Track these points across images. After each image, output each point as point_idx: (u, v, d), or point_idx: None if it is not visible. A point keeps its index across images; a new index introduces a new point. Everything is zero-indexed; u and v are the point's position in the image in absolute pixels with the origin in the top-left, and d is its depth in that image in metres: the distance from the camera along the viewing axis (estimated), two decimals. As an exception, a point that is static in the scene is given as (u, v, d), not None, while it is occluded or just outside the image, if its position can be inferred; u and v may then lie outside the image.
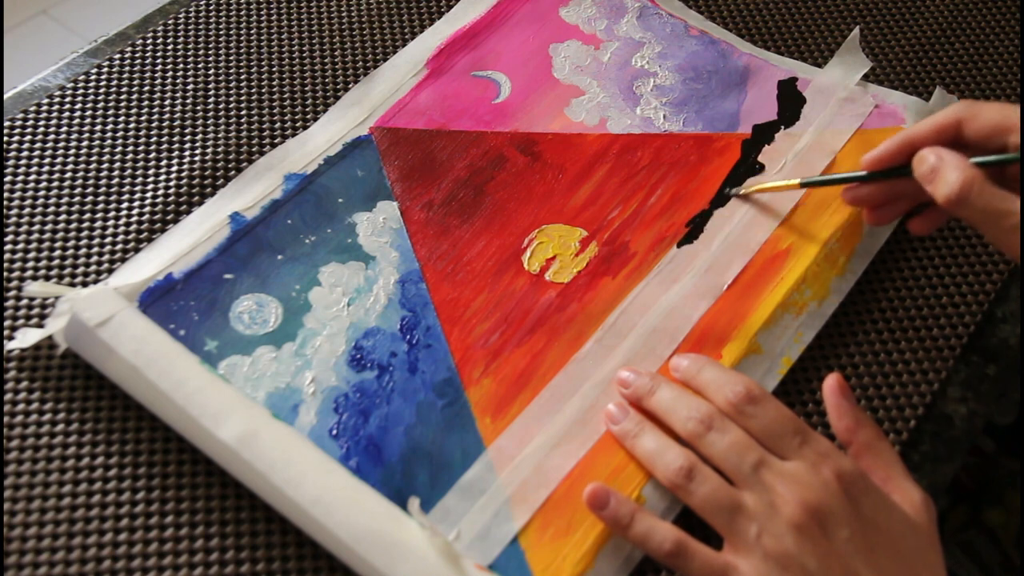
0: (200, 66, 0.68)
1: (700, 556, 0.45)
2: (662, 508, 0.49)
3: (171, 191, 0.61)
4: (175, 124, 0.64)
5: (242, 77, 0.67)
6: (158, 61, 0.68)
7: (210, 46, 0.69)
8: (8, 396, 0.52)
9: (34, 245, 0.58)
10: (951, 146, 0.49)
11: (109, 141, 0.63)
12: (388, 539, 0.45)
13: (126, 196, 0.61)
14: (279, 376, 0.52)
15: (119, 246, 0.58)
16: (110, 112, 0.65)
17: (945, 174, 0.46)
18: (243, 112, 0.65)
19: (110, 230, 0.59)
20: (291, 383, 0.52)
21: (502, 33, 0.70)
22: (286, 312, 0.55)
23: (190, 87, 0.66)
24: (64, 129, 0.64)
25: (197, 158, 0.62)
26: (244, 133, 0.64)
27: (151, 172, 0.62)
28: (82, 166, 0.62)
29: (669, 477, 0.47)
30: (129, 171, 0.62)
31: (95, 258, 0.58)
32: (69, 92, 0.66)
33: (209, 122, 0.64)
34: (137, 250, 0.58)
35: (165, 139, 0.64)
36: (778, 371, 0.54)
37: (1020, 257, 0.46)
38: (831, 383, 0.49)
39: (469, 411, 0.52)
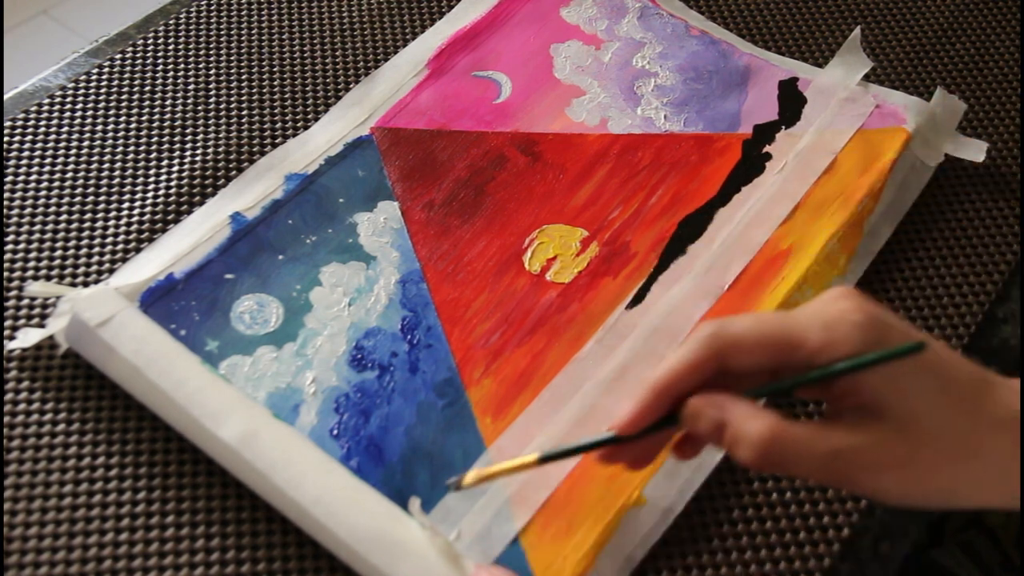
0: (201, 66, 0.68)
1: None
2: (663, 508, 0.49)
3: (172, 191, 0.61)
4: (176, 124, 0.64)
5: (243, 77, 0.67)
6: (159, 61, 0.68)
7: (211, 46, 0.69)
8: (9, 396, 0.52)
9: (35, 245, 0.58)
10: (715, 381, 0.38)
11: (110, 141, 0.63)
12: (389, 539, 0.45)
13: (127, 196, 0.61)
14: (280, 376, 0.52)
15: (120, 246, 0.58)
16: (111, 112, 0.65)
17: (740, 431, 0.36)
18: (244, 112, 0.65)
19: (111, 230, 0.59)
20: (292, 383, 0.52)
21: (503, 33, 0.70)
22: (287, 312, 0.55)
23: (191, 87, 0.66)
24: (65, 129, 0.64)
25: (198, 158, 0.62)
26: (245, 133, 0.64)
27: (152, 172, 0.62)
28: (83, 166, 0.62)
29: None
30: (130, 171, 0.62)
31: (96, 258, 0.58)
32: (70, 92, 0.66)
33: (210, 122, 0.64)
34: (138, 250, 0.58)
35: (166, 139, 0.64)
36: (779, 371, 0.54)
37: (873, 497, 0.38)
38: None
39: (470, 411, 0.52)
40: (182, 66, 0.68)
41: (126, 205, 0.60)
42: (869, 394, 0.36)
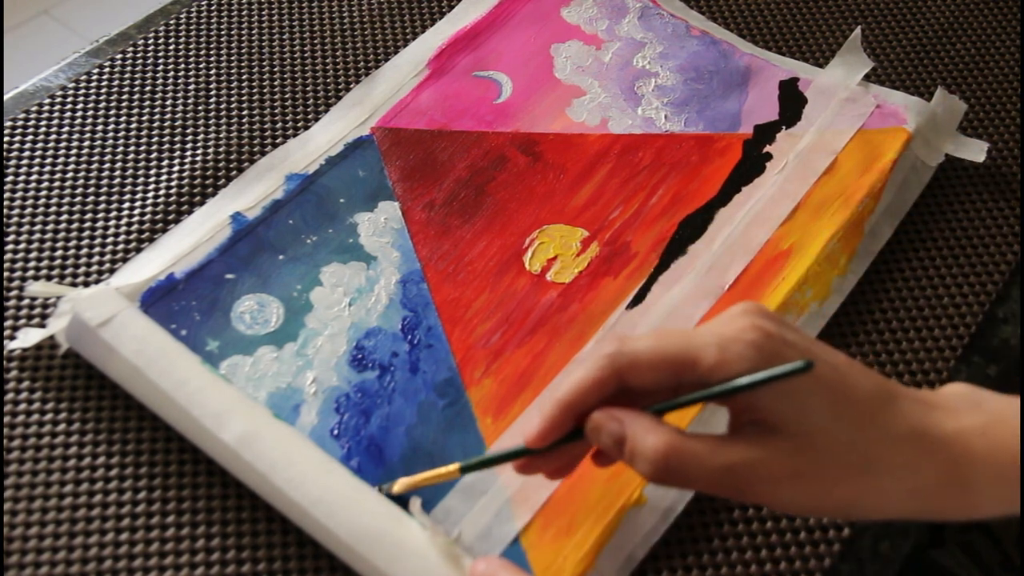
0: (202, 66, 0.68)
1: None
2: (664, 507, 0.49)
3: (172, 191, 0.61)
4: (176, 124, 0.64)
5: (243, 77, 0.67)
6: (159, 61, 0.68)
7: (211, 46, 0.69)
8: (9, 396, 0.52)
9: (36, 245, 0.58)
10: (619, 397, 0.39)
11: (111, 141, 0.63)
12: (389, 539, 0.45)
13: (127, 196, 0.61)
14: (280, 376, 0.52)
15: (120, 246, 0.58)
16: (111, 112, 0.65)
17: (638, 445, 0.37)
18: (244, 112, 0.65)
19: (111, 230, 0.59)
20: (292, 383, 0.52)
21: (503, 33, 0.70)
22: (287, 312, 0.55)
23: (191, 87, 0.66)
24: (65, 129, 0.64)
25: (198, 158, 0.62)
26: (245, 133, 0.64)
27: (152, 172, 0.62)
28: (83, 166, 0.62)
29: None
30: (131, 171, 0.62)
31: (96, 258, 0.58)
32: (70, 92, 0.66)
33: (211, 122, 0.64)
34: (138, 250, 0.58)
35: (167, 139, 0.64)
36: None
37: (774, 506, 0.38)
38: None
39: (470, 411, 0.52)
40: (183, 66, 0.68)
41: (127, 205, 0.60)
42: (765, 410, 0.37)
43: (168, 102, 0.66)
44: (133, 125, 0.64)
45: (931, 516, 0.39)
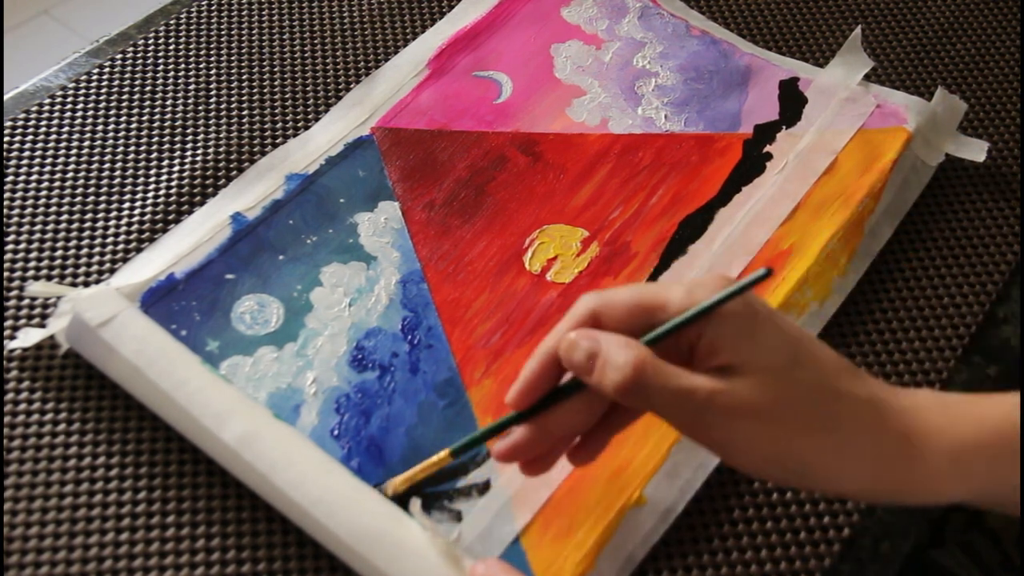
0: (202, 66, 0.68)
1: None
2: (664, 508, 0.49)
3: (172, 191, 0.61)
4: (177, 124, 0.64)
5: (243, 77, 0.67)
6: (160, 61, 0.68)
7: (212, 46, 0.69)
8: (9, 396, 0.52)
9: (36, 245, 0.58)
10: None
11: (111, 141, 0.63)
12: (389, 539, 0.45)
13: (128, 196, 0.61)
14: (280, 376, 0.52)
15: (121, 246, 0.58)
16: (112, 112, 0.65)
17: (610, 357, 0.38)
18: (244, 112, 0.65)
19: (112, 230, 0.59)
20: (292, 383, 0.52)
21: (503, 33, 0.70)
22: (287, 312, 0.55)
23: (192, 87, 0.66)
24: (66, 129, 0.64)
25: (199, 158, 0.62)
26: (245, 133, 0.64)
27: (153, 172, 0.62)
28: (84, 166, 0.62)
29: None
30: (131, 171, 0.62)
31: (97, 258, 0.58)
32: (71, 92, 0.66)
33: (211, 122, 0.64)
34: (139, 250, 0.58)
35: (167, 139, 0.64)
36: (779, 371, 0.54)
37: (720, 453, 0.39)
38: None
39: (470, 411, 0.52)
40: (183, 66, 0.68)
41: (127, 205, 0.60)
42: (728, 351, 0.38)
43: (168, 102, 0.66)
44: (133, 125, 0.64)
45: (888, 495, 0.39)
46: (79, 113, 0.65)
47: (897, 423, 0.38)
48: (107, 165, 0.62)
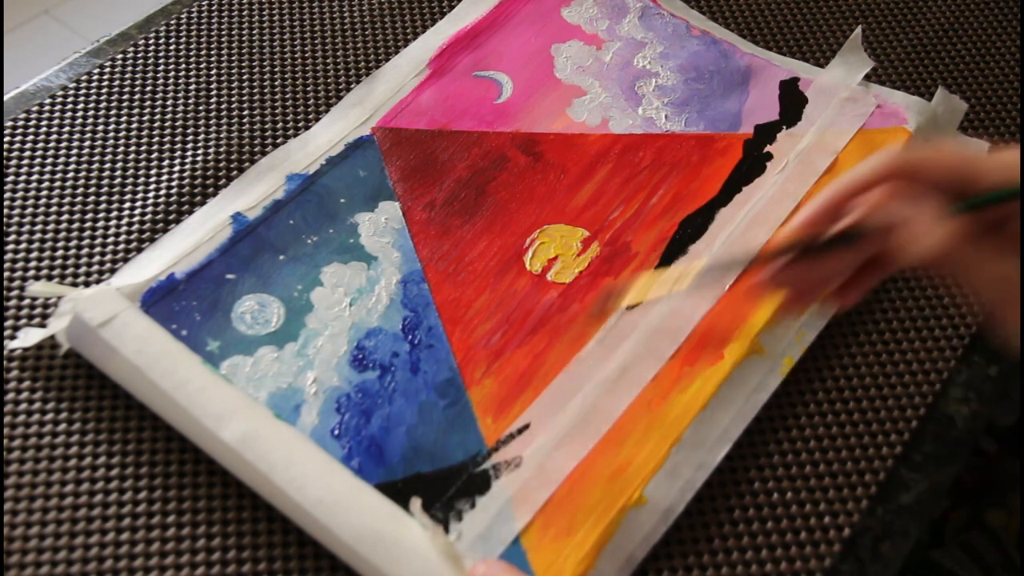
0: (202, 66, 0.68)
1: None
2: (664, 508, 0.49)
3: (173, 191, 0.61)
4: (177, 124, 0.64)
5: (244, 77, 0.67)
6: (160, 61, 0.68)
7: (212, 46, 0.69)
8: (10, 396, 0.52)
9: (36, 245, 0.58)
10: None
11: (111, 141, 0.63)
12: (390, 539, 0.45)
13: (128, 196, 0.61)
14: (281, 376, 0.52)
15: (121, 246, 0.58)
16: (112, 112, 0.65)
17: (926, 228, 0.37)
18: (245, 112, 0.65)
19: (112, 230, 0.59)
20: (293, 383, 0.52)
21: (504, 33, 0.70)
22: (288, 312, 0.55)
23: (192, 87, 0.66)
24: (66, 129, 0.64)
25: (199, 158, 0.62)
26: (246, 133, 0.64)
27: (153, 172, 0.62)
28: (84, 166, 0.62)
29: None
30: (131, 171, 0.62)
31: (97, 258, 0.58)
32: (71, 92, 0.66)
33: (211, 122, 0.65)
34: (139, 250, 0.58)
35: (167, 139, 0.64)
36: (780, 371, 0.54)
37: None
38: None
39: (471, 411, 0.52)
40: (183, 66, 0.68)
41: (127, 205, 0.60)
42: None
43: (168, 102, 0.66)
44: (133, 125, 0.64)
45: None
46: (79, 113, 0.65)
47: None
48: (107, 165, 0.62)
